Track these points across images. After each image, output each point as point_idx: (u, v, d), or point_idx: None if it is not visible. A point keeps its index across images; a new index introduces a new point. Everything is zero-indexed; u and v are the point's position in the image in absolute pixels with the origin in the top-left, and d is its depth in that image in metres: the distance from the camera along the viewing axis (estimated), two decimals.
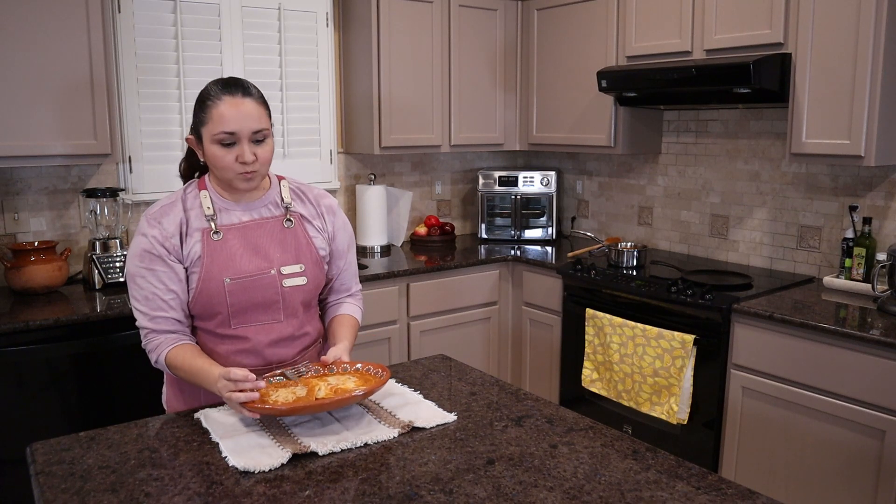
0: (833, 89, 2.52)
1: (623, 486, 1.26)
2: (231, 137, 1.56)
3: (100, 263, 2.81)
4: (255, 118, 1.57)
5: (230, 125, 1.55)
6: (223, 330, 1.65)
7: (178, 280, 1.61)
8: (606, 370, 2.98)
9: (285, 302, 1.67)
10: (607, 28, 3.33)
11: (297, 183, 1.79)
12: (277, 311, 1.67)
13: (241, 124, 1.55)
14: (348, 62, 3.58)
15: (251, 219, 1.67)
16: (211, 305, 1.62)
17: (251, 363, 1.67)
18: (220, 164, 1.58)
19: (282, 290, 1.66)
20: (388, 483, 1.27)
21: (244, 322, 1.65)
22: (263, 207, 1.69)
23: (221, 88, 1.57)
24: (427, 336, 3.34)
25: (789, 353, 2.42)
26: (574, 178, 4.10)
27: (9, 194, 2.87)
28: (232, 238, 1.63)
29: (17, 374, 2.37)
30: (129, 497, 1.23)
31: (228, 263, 1.61)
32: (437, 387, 1.75)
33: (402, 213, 3.75)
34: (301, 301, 1.70)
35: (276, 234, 1.68)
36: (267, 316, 1.66)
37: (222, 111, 1.55)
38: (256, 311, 1.65)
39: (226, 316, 1.63)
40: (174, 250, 1.60)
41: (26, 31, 2.51)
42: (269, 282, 1.64)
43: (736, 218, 3.28)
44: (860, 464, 2.28)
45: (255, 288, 1.63)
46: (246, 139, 1.57)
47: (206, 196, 1.65)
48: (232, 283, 1.61)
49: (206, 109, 1.57)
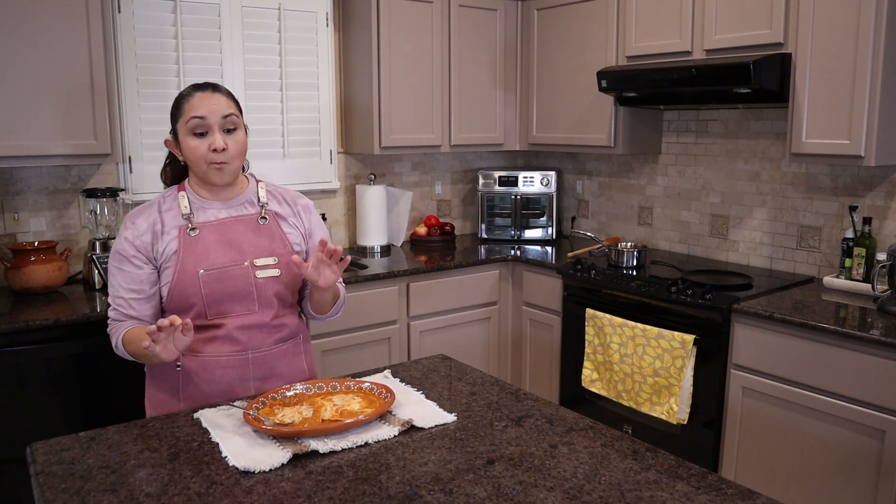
0: (833, 89, 2.52)
1: (623, 486, 1.26)
2: (202, 124, 1.66)
3: (100, 263, 2.81)
4: (224, 106, 1.69)
5: (200, 111, 1.67)
6: (199, 321, 1.70)
7: (139, 282, 1.70)
8: (606, 370, 2.98)
9: (259, 293, 1.72)
10: (607, 28, 3.33)
11: (273, 185, 1.88)
12: (252, 301, 1.72)
13: (211, 110, 1.67)
14: (348, 62, 3.58)
15: (228, 216, 1.75)
16: (186, 297, 1.68)
17: (227, 349, 1.71)
18: (194, 154, 1.68)
19: (255, 281, 1.72)
20: (388, 483, 1.27)
21: (220, 314, 1.71)
22: (240, 206, 1.78)
23: (193, 88, 1.72)
24: (427, 336, 3.34)
25: (789, 353, 2.42)
26: (574, 178, 4.10)
27: (9, 194, 2.87)
28: (208, 234, 1.71)
29: (17, 374, 2.37)
30: (129, 497, 1.23)
31: (203, 256, 1.69)
32: (437, 387, 1.75)
33: (402, 213, 3.75)
34: (275, 293, 1.75)
35: (251, 229, 1.75)
36: (242, 307, 1.72)
37: (193, 103, 1.68)
38: (231, 302, 1.71)
39: (202, 307, 1.69)
40: (144, 249, 1.70)
41: (26, 31, 2.51)
42: (241, 273, 1.71)
43: (736, 218, 3.28)
44: (860, 464, 2.28)
45: (229, 278, 1.70)
46: (217, 127, 1.67)
47: (184, 196, 1.75)
48: (206, 273, 1.68)
49: (179, 107, 1.70)
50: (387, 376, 1.80)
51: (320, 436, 1.43)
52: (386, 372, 1.83)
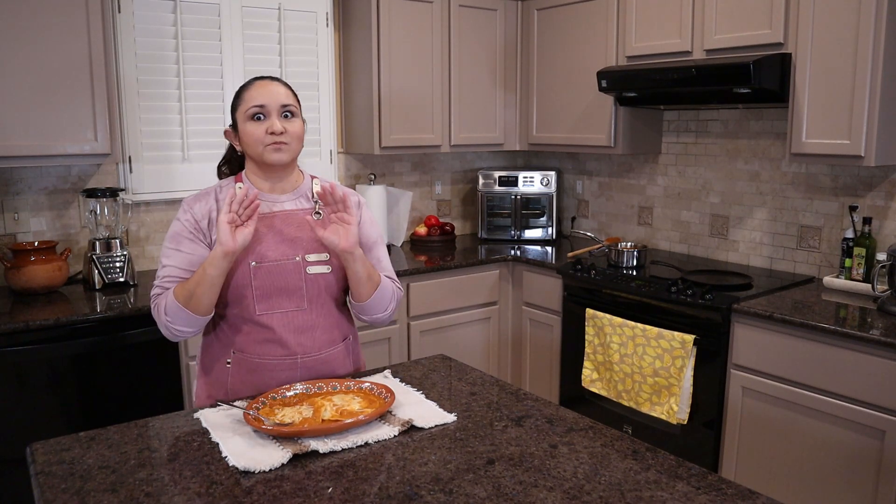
0: (833, 89, 2.52)
1: (623, 486, 1.26)
2: (261, 110, 1.68)
3: (100, 263, 2.81)
4: (284, 95, 1.71)
5: (259, 99, 1.68)
6: (249, 315, 1.69)
7: (196, 263, 1.68)
8: (606, 370, 2.98)
9: (308, 289, 1.71)
10: (607, 28, 3.33)
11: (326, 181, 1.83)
12: (301, 298, 1.71)
13: (270, 98, 1.68)
14: (348, 62, 3.58)
15: (282, 209, 1.75)
16: (236, 288, 1.68)
17: (278, 353, 1.71)
18: (252, 138, 1.68)
19: (305, 277, 1.71)
20: (388, 483, 1.27)
21: (269, 308, 1.69)
22: (295, 199, 1.77)
23: (254, 79, 1.74)
24: (427, 336, 3.34)
25: (789, 353, 2.42)
26: (574, 178, 4.10)
27: (9, 194, 2.87)
28: (261, 225, 1.70)
29: (17, 374, 2.37)
30: (129, 497, 1.23)
31: (255, 248, 1.68)
32: (437, 387, 1.75)
33: (402, 213, 3.75)
34: (325, 289, 1.73)
35: (305, 224, 1.74)
36: (291, 303, 1.71)
37: (253, 92, 1.70)
38: (280, 297, 1.70)
39: (251, 300, 1.68)
40: (202, 232, 1.70)
41: (26, 31, 2.51)
42: (293, 267, 1.70)
43: (736, 218, 3.28)
44: (860, 464, 2.28)
45: (280, 273, 1.69)
46: (275, 112, 1.69)
47: (241, 186, 1.70)
48: (257, 266, 1.68)
49: (239, 96, 1.72)
50: (387, 376, 1.80)
51: (320, 436, 1.43)
52: (386, 372, 1.83)
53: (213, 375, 1.76)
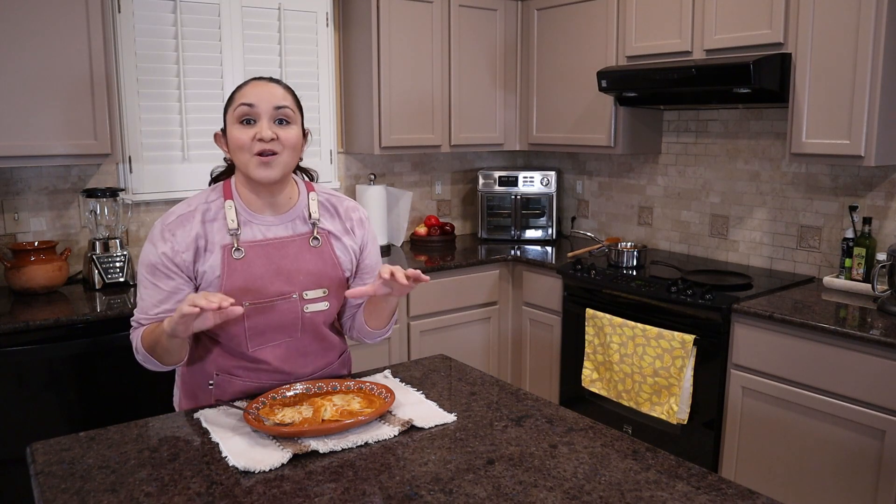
0: (833, 89, 2.52)
1: (623, 486, 1.26)
2: (250, 111, 1.50)
3: (100, 263, 2.81)
4: (279, 96, 1.53)
5: (250, 97, 1.51)
6: (240, 350, 1.61)
7: (174, 301, 1.53)
8: (606, 370, 2.98)
9: (304, 325, 1.63)
10: (607, 28, 3.33)
11: (327, 193, 1.73)
12: (295, 331, 1.63)
13: (262, 98, 1.51)
14: (348, 62, 3.58)
15: (276, 236, 1.60)
16: (226, 326, 1.55)
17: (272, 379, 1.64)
18: (237, 143, 1.51)
19: (302, 316, 1.61)
20: (388, 483, 1.27)
21: (261, 343, 1.61)
22: (290, 222, 1.62)
23: (251, 79, 1.58)
24: (427, 336, 3.34)
25: (789, 353, 2.42)
26: (574, 178, 4.10)
27: (9, 194, 2.87)
28: (254, 256, 1.55)
29: (17, 374, 2.37)
30: (129, 497, 1.23)
31: (249, 285, 1.54)
32: (437, 387, 1.75)
33: (402, 213, 3.75)
34: (322, 322, 1.67)
35: (302, 254, 1.60)
36: (284, 335, 1.62)
37: (245, 91, 1.54)
38: (274, 332, 1.61)
39: (243, 339, 1.59)
40: (184, 266, 1.53)
41: (26, 31, 2.51)
42: (289, 307, 1.59)
43: (736, 218, 3.28)
44: (860, 464, 2.28)
45: (275, 311, 1.58)
46: (267, 116, 1.51)
47: (231, 207, 1.57)
48: (251, 307, 1.55)
49: (231, 96, 1.56)
50: (387, 376, 1.80)
51: (320, 436, 1.43)
52: (386, 372, 1.83)
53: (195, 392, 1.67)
